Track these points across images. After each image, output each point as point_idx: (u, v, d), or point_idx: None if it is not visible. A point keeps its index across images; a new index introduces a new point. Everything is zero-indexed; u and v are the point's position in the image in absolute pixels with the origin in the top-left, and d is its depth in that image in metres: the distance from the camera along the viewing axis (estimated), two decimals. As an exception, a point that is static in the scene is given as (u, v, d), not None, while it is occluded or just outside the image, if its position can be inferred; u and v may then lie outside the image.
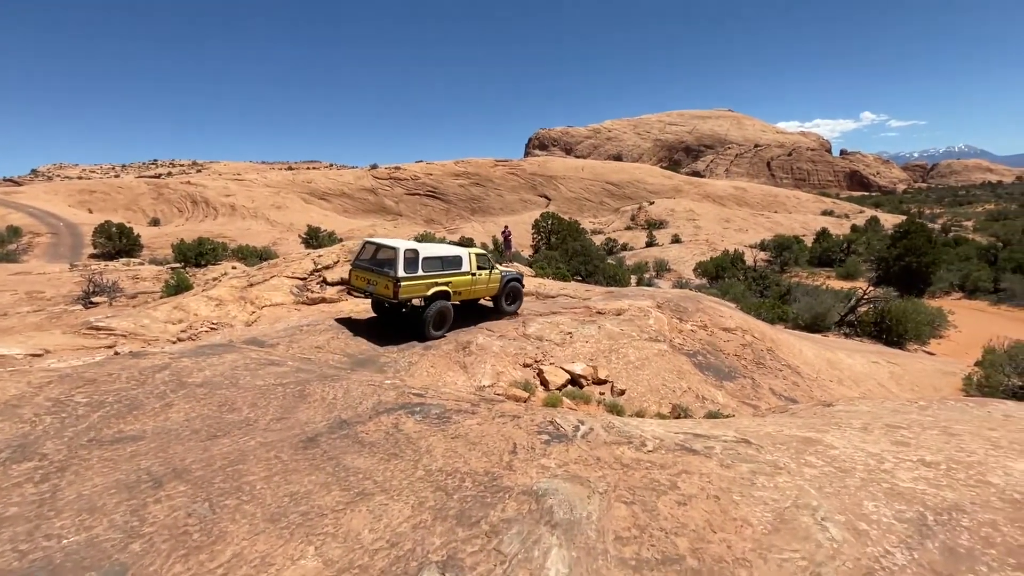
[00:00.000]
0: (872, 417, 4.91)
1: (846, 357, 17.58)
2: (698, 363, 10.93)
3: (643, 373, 9.69)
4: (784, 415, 5.71)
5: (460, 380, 8.42)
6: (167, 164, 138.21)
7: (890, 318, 22.24)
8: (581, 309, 12.48)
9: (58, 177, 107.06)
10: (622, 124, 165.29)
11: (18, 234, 49.78)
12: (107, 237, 43.67)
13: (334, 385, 5.56)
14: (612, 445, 3.90)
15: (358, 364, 7.85)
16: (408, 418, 4.68)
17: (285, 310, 9.96)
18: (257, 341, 7.92)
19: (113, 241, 43.24)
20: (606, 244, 58.08)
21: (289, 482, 3.14)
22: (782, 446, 3.89)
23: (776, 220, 67.42)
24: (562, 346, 10.22)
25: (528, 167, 78.04)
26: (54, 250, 46.40)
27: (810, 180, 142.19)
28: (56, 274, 23.59)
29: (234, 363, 5.93)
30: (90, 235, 45.87)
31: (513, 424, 4.45)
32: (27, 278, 22.88)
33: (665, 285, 40.92)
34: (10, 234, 48.16)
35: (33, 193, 64.44)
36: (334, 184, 73.70)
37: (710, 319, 14.50)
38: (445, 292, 9.78)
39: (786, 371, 12.30)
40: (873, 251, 44.45)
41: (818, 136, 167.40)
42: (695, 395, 9.49)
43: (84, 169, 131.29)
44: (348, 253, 12.64)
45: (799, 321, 24.26)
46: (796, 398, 10.85)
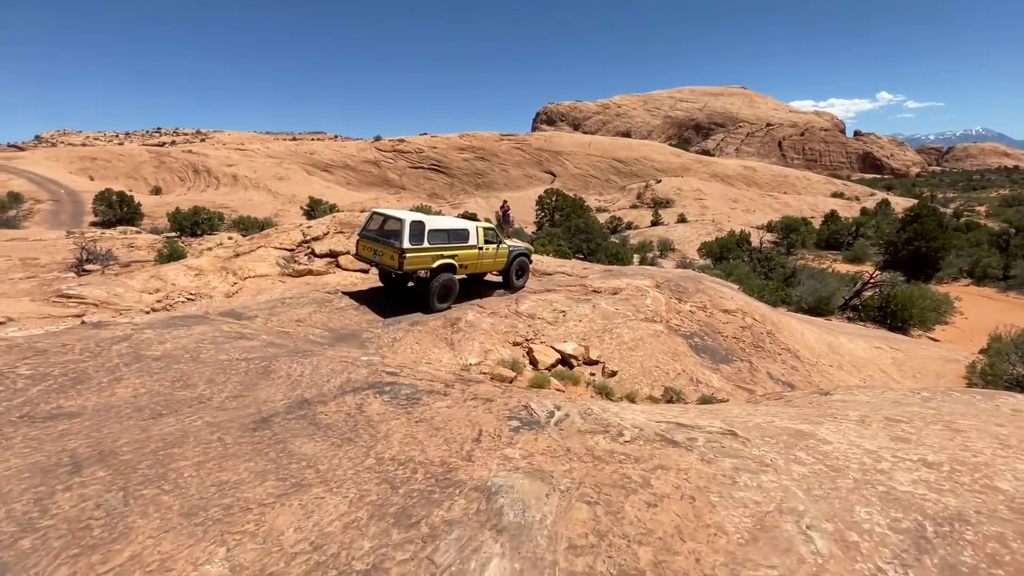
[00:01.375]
0: (871, 409, 4.59)
1: (847, 342, 17.23)
2: (694, 345, 10.61)
3: (636, 354, 9.38)
4: (778, 403, 5.40)
5: (445, 358, 8.14)
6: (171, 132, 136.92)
7: (895, 303, 21.79)
8: (577, 287, 12.13)
9: (62, 143, 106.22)
10: (632, 100, 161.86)
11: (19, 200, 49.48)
12: (108, 205, 43.39)
13: (303, 361, 5.28)
14: (586, 434, 3.60)
15: (339, 339, 7.58)
16: (375, 398, 4.39)
17: (269, 282, 9.66)
18: (234, 313, 7.64)
19: (114, 209, 42.98)
20: (610, 222, 57.31)
21: (223, 469, 2.86)
22: (771, 439, 3.58)
23: (785, 201, 66.31)
24: (554, 325, 9.91)
25: (534, 142, 76.66)
26: (55, 217, 46.19)
27: (822, 161, 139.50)
28: (52, 241, 23.37)
29: (200, 336, 5.65)
30: (91, 203, 45.61)
31: (484, 408, 4.15)
32: (23, 244, 22.66)
33: (669, 265, 40.40)
34: (11, 200, 47.85)
35: (34, 159, 63.96)
36: (337, 156, 72.75)
37: (710, 300, 14.13)
38: (451, 265, 9.78)
39: (785, 355, 11.98)
40: (882, 235, 43.61)
41: (832, 116, 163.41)
42: (689, 378, 9.20)
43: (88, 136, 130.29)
44: (338, 224, 12.28)
45: (802, 304, 23.84)
46: (794, 383, 10.55)
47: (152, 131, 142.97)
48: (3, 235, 24.83)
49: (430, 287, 9.44)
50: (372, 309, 9.38)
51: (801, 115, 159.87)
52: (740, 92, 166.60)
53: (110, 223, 39.75)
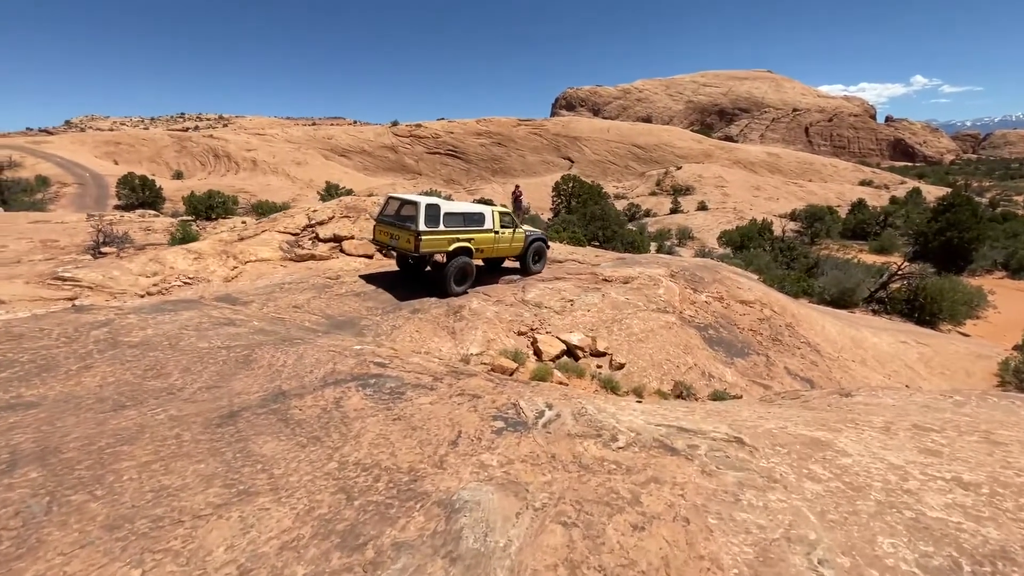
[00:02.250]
0: (897, 414, 4.16)
1: (872, 336, 16.53)
2: (708, 337, 10.16)
3: (646, 346, 8.99)
4: (794, 404, 4.99)
5: (445, 347, 7.87)
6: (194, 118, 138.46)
7: (924, 296, 20.85)
8: (587, 275, 11.72)
9: (90, 128, 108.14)
10: (653, 84, 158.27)
11: (46, 184, 50.61)
12: (130, 189, 44.10)
13: (289, 350, 5.04)
14: (576, 438, 3.27)
15: (335, 326, 7.35)
16: (356, 392, 4.13)
17: (270, 266, 9.47)
18: (230, 298, 7.45)
19: (136, 193, 43.66)
20: (628, 209, 56.26)
21: (168, 472, 2.62)
22: (783, 449, 3.21)
23: (810, 189, 64.35)
24: (561, 314, 9.55)
25: (551, 127, 75.49)
26: (80, 200, 47.12)
27: (850, 148, 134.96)
28: (73, 224, 23.68)
29: (186, 322, 5.45)
30: (114, 186, 46.40)
31: (470, 406, 3.85)
32: (45, 227, 22.98)
33: (687, 254, 39.50)
34: (39, 184, 48.97)
35: (61, 143, 65.21)
36: (355, 141, 72.71)
37: (727, 290, 13.60)
38: (467, 248, 9.77)
39: (804, 349, 11.45)
40: (912, 225, 41.97)
41: (862, 101, 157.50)
42: (701, 372, 8.78)
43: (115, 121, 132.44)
44: (344, 209, 12.04)
45: (825, 296, 22.99)
46: (813, 379, 10.06)
47: (176, 116, 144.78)
48: (28, 217, 25.26)
49: (446, 270, 9.40)
50: (375, 295, 9.14)
51: (829, 100, 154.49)
52: (766, 76, 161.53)
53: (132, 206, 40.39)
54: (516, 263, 11.81)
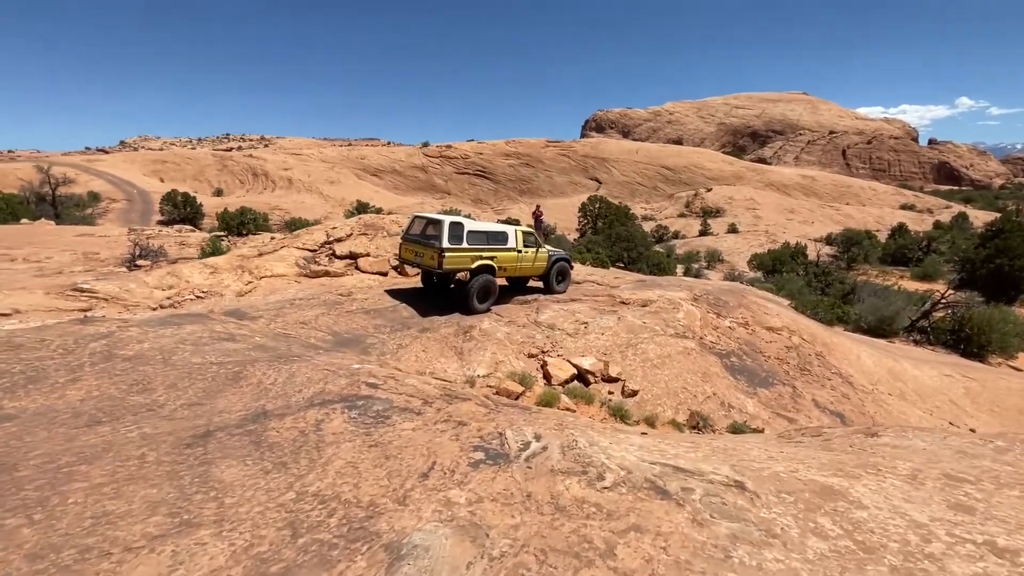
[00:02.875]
0: (927, 459, 3.75)
1: (912, 368, 15.59)
2: (730, 365, 9.69)
3: (662, 373, 8.60)
4: (813, 443, 4.59)
5: (451, 367, 7.69)
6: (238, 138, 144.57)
7: (970, 326, 19.60)
8: (604, 297, 11.42)
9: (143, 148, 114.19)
10: (684, 107, 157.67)
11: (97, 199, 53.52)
12: (173, 205, 46.18)
13: (282, 368, 4.95)
14: (558, 475, 3.02)
15: (340, 343, 7.27)
16: (340, 415, 3.97)
17: (285, 282, 9.54)
18: (239, 312, 7.49)
19: (178, 209, 45.67)
20: (656, 231, 55.56)
21: (117, 496, 2.49)
22: (789, 497, 2.88)
23: (847, 213, 62.36)
24: (574, 337, 9.27)
25: (580, 148, 75.73)
26: (126, 215, 49.50)
27: (891, 171, 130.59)
28: (115, 237, 24.77)
29: (186, 336, 5.44)
30: (159, 202, 48.66)
31: (452, 433, 3.64)
32: (89, 240, 24.08)
33: (715, 277, 38.50)
34: (90, 199, 51.84)
35: (113, 162, 69.01)
36: (386, 161, 74.50)
37: (753, 316, 13.06)
38: (490, 267, 9.90)
39: (836, 380, 10.80)
40: (958, 251, 40.00)
41: (903, 123, 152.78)
42: (720, 402, 8.33)
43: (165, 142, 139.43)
44: (363, 227, 12.13)
45: (861, 324, 21.90)
46: (844, 413, 9.43)
47: (221, 137, 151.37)
48: (75, 231, 26.58)
49: (469, 287, 9.51)
50: (385, 312, 9.07)
51: (868, 122, 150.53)
52: (801, 98, 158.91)
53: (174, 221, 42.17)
54: (540, 283, 11.92)
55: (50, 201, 41.29)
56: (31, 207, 39.57)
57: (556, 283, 11.81)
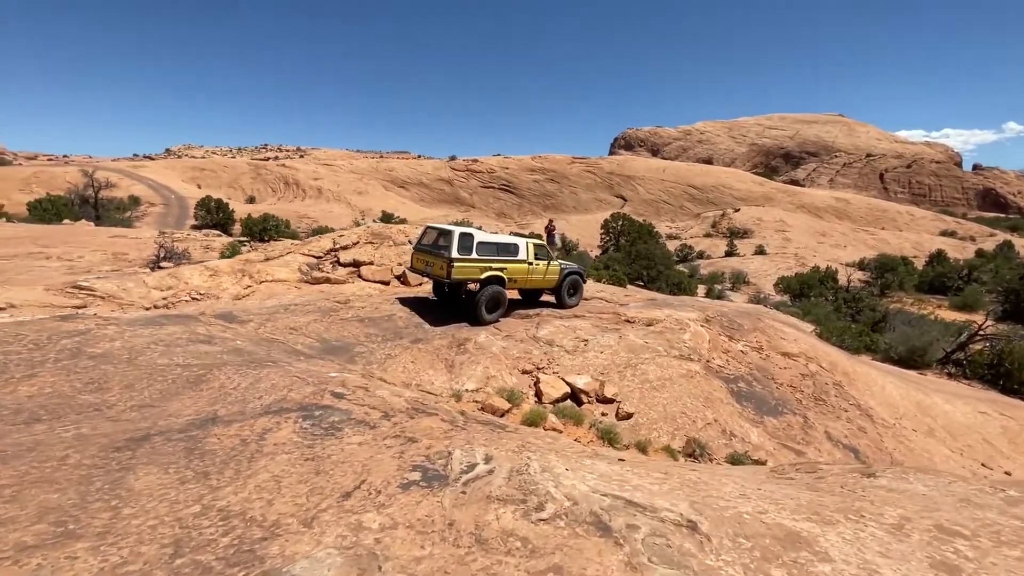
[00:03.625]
0: (923, 507, 3.36)
1: (943, 402, 14.69)
2: (737, 391, 9.22)
3: (661, 396, 8.22)
4: (800, 480, 4.20)
5: (438, 380, 7.50)
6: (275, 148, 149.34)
7: (1011, 360, 18.40)
8: (609, 315, 11.10)
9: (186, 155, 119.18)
10: (715, 126, 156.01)
11: (137, 203, 55.83)
12: (207, 210, 47.70)
13: (251, 373, 4.85)
14: (494, 502, 2.78)
15: (327, 351, 7.18)
16: (292, 424, 3.82)
17: (284, 287, 9.56)
18: (230, 316, 7.49)
19: (211, 214, 47.10)
20: (680, 250, 54.61)
21: (14, 499, 2.37)
22: (745, 542, 2.58)
23: (882, 238, 60.22)
24: (572, 354, 8.98)
25: (606, 166, 75.48)
26: (163, 219, 51.40)
27: (931, 196, 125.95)
28: (146, 239, 25.58)
29: (163, 336, 5.40)
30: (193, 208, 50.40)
31: (397, 450, 3.44)
32: (122, 241, 24.93)
33: (739, 299, 37.42)
34: (131, 203, 54.12)
35: (155, 168, 72.02)
36: (413, 173, 75.70)
37: (768, 340, 12.52)
38: (500, 278, 9.91)
39: (853, 412, 10.18)
40: (1001, 280, 38.03)
41: (946, 148, 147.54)
42: (721, 429, 7.88)
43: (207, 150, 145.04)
44: (371, 235, 12.16)
45: (891, 353, 20.84)
46: (858, 448, 8.84)
47: (260, 147, 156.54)
48: (109, 232, 27.59)
49: (478, 298, 9.54)
50: (381, 321, 8.97)
51: (908, 145, 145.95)
52: (837, 120, 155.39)
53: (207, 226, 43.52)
54: (553, 297, 11.87)
55: (92, 204, 43.23)
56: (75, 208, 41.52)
57: (568, 296, 11.73)
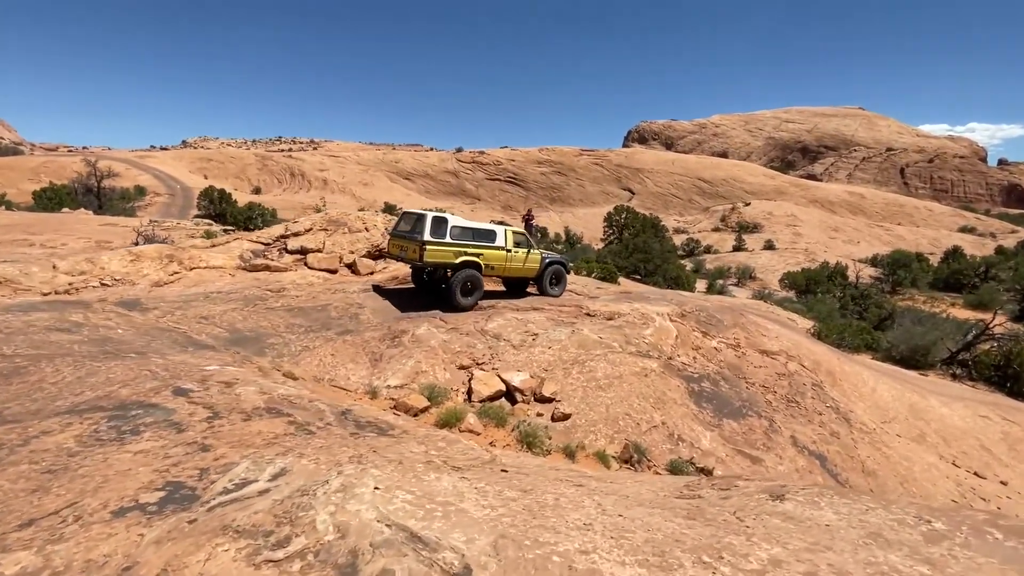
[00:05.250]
0: (810, 545, 2.68)
1: (940, 405, 13.79)
2: (697, 391, 8.50)
3: (606, 395, 7.55)
4: (704, 498, 3.53)
5: (357, 375, 6.93)
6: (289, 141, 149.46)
7: (1019, 362, 17.32)
8: (571, 307, 10.42)
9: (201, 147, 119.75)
10: (731, 120, 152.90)
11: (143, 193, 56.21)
12: (209, 200, 47.65)
13: (90, 366, 4.31)
14: (226, 534, 2.18)
15: (233, 342, 6.64)
16: (86, 426, 3.28)
17: (218, 274, 9.07)
18: (134, 303, 7.00)
19: (214, 204, 47.02)
20: (686, 244, 53.48)
21: None
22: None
23: (898, 233, 58.31)
24: (518, 349, 8.34)
25: (614, 158, 74.18)
26: (166, 208, 51.66)
27: (954, 192, 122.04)
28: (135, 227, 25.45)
29: (12, 323, 4.91)
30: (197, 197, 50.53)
31: (172, 461, 2.86)
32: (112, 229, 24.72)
33: (743, 295, 36.32)
34: (136, 192, 54.47)
35: (162, 159, 72.62)
36: (419, 165, 75.26)
37: (747, 337, 11.76)
38: (476, 264, 9.85)
39: (829, 415, 9.40)
40: (1020, 279, 36.47)
41: (970, 142, 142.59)
42: (668, 433, 7.19)
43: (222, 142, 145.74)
44: (327, 222, 11.62)
45: (893, 353, 19.81)
46: (825, 455, 8.08)
47: (274, 139, 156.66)
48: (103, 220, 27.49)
49: (452, 281, 9.50)
50: (313, 311, 8.42)
51: (931, 140, 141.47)
52: (857, 113, 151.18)
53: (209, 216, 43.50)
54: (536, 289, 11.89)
55: (95, 193, 43.48)
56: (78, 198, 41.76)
57: (551, 286, 11.66)
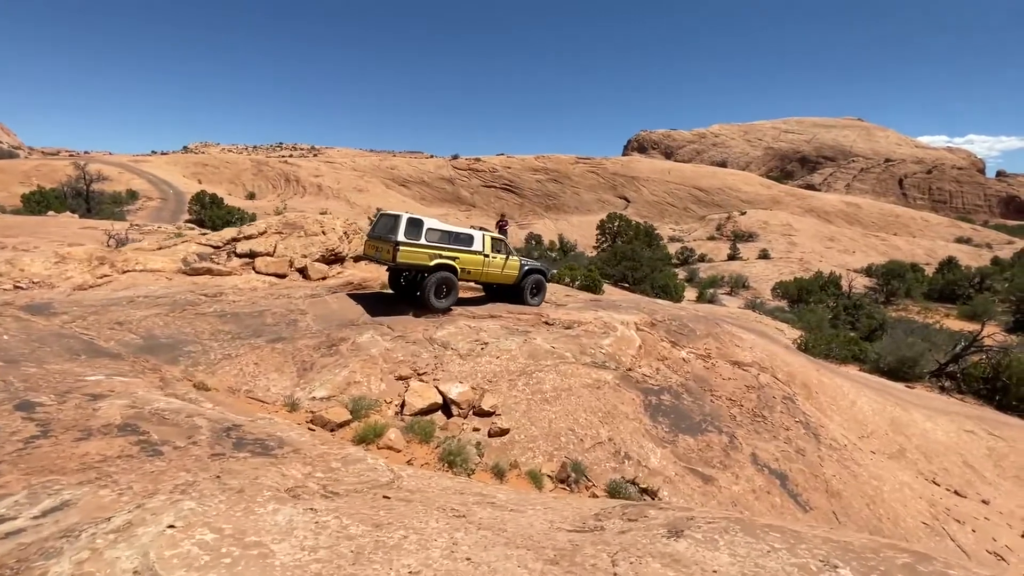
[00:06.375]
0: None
1: (924, 419, 13.32)
2: (654, 404, 8.04)
3: (551, 409, 7.09)
4: (601, 532, 3.08)
5: (279, 386, 6.48)
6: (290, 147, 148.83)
7: (1008, 375, 16.83)
8: (530, 315, 9.99)
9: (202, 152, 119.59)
10: (731, 129, 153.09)
11: (135, 197, 55.92)
12: (201, 205, 47.39)
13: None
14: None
15: (145, 349, 6.21)
16: None
17: (153, 277, 8.66)
18: (43, 307, 6.58)
19: (205, 209, 46.77)
20: (681, 253, 53.05)
21: None
22: None
23: (894, 244, 57.95)
24: (465, 358, 7.90)
25: (610, 166, 73.99)
26: (158, 213, 51.29)
27: (952, 203, 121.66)
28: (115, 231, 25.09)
29: None
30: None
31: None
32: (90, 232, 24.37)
33: (735, 304, 35.86)
34: (128, 197, 54.20)
35: (157, 163, 72.46)
36: (415, 172, 75.10)
37: (719, 348, 11.32)
38: (451, 267, 9.77)
39: (797, 430, 8.93)
40: (1016, 290, 36.01)
41: (968, 153, 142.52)
42: (614, 450, 6.73)
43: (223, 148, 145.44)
44: (283, 225, 11.22)
45: (881, 364, 19.32)
46: (787, 473, 7.60)
47: (275, 145, 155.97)
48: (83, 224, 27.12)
49: (426, 282, 9.42)
50: (248, 318, 7.98)
51: (929, 151, 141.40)
52: (855, 124, 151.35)
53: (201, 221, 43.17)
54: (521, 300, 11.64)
55: (84, 197, 43.17)
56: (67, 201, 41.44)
57: (530, 296, 11.54)
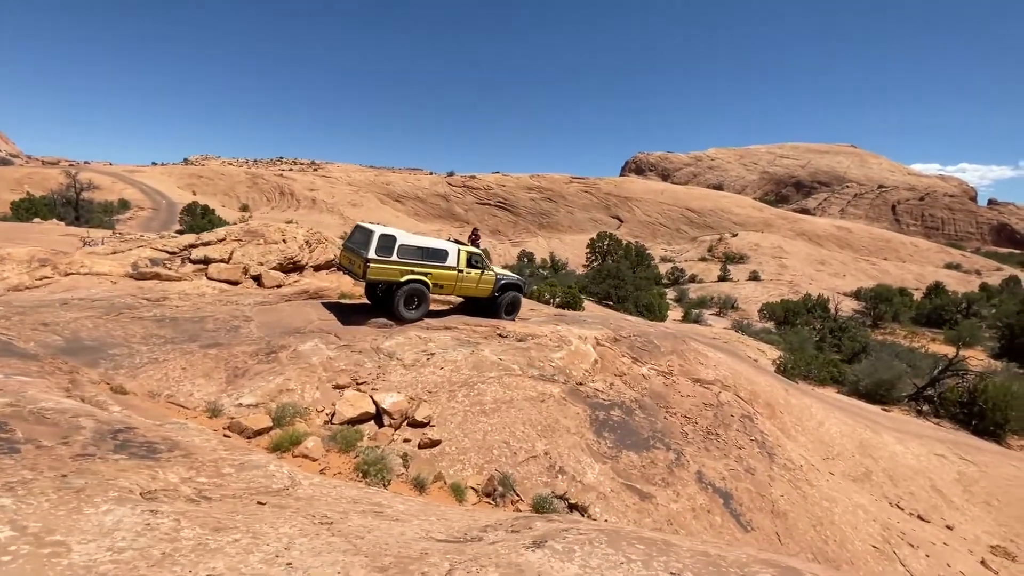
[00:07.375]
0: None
1: (894, 442, 13.15)
2: (600, 419, 7.87)
3: (487, 421, 6.92)
4: (411, 546, 2.93)
5: (204, 392, 6.32)
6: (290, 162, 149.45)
7: (984, 399, 16.66)
8: (485, 327, 9.86)
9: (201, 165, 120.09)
10: (727, 153, 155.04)
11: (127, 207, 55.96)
12: (192, 215, 47.44)
13: None
14: None
15: (65, 351, 6.06)
16: None
17: (97, 280, 8.55)
18: (-33, 306, 6.46)
19: (196, 219, 46.79)
20: (672, 273, 53.16)
21: None
22: None
23: (884, 268, 58.18)
24: (408, 369, 7.74)
25: (604, 186, 74.57)
26: (148, 223, 51.25)
27: (944, 230, 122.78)
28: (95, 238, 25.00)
29: None
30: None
31: None
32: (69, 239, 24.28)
33: (721, 324, 35.79)
34: (120, 206, 54.22)
35: (151, 174, 72.76)
36: (410, 188, 75.53)
37: (682, 365, 11.18)
38: (423, 282, 9.78)
39: (750, 449, 8.74)
40: (1002, 316, 36.05)
41: (960, 181, 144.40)
42: (549, 464, 6.54)
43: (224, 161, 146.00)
44: (243, 233, 11.15)
45: (859, 387, 19.15)
46: (732, 493, 7.40)
47: (275, 159, 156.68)
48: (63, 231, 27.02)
49: (396, 295, 9.51)
50: (188, 323, 7.84)
51: (922, 178, 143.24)
52: (849, 151, 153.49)
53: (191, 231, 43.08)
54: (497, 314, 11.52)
55: (73, 205, 43.14)
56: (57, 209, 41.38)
57: (505, 313, 11.44)
